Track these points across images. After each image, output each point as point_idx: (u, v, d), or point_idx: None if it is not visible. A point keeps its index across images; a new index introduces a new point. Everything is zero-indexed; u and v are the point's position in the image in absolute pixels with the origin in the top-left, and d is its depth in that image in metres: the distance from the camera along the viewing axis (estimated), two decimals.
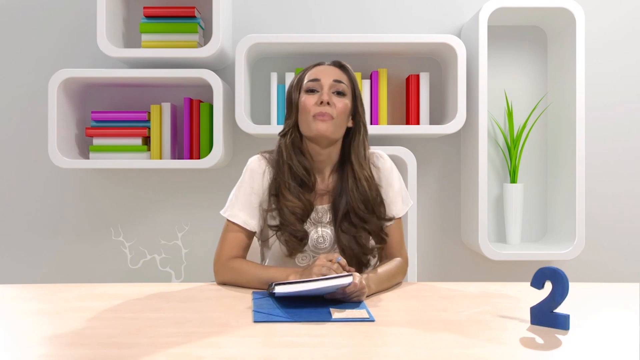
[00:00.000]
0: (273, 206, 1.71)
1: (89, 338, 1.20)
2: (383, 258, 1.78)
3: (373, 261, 1.78)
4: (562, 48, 2.63)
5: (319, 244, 1.71)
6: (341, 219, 1.70)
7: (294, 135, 1.73)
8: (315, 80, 1.71)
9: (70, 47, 2.74)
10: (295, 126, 1.74)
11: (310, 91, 1.71)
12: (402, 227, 1.80)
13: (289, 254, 1.70)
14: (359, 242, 1.69)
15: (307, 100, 1.69)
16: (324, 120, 1.67)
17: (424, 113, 2.61)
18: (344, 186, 1.72)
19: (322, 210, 1.73)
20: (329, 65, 1.76)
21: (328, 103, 1.67)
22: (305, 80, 1.72)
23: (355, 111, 1.75)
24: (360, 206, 1.69)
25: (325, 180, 1.76)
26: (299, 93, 1.73)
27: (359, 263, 1.71)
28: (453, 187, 2.78)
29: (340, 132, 1.72)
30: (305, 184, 1.71)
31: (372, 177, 1.73)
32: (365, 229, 1.70)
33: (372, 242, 1.74)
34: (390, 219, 1.75)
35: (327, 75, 1.71)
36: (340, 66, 1.76)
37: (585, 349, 1.15)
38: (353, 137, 1.74)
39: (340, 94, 1.71)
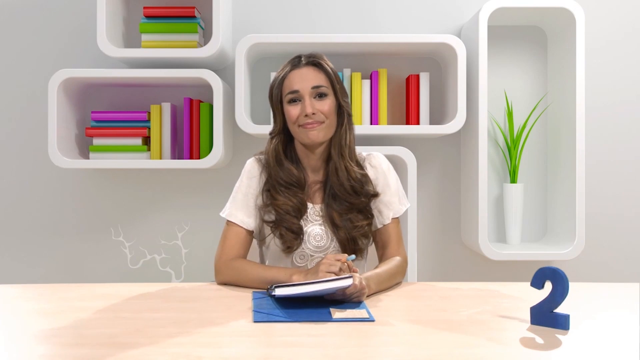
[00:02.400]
0: (268, 202, 1.73)
1: (89, 338, 1.20)
2: (382, 258, 1.79)
3: (369, 246, 1.80)
4: (562, 48, 2.63)
5: (317, 241, 1.73)
6: (330, 201, 1.73)
7: (278, 141, 1.76)
8: (294, 91, 1.71)
9: (70, 47, 2.74)
10: (282, 132, 1.77)
11: (293, 101, 1.72)
12: (400, 226, 1.81)
13: (286, 249, 1.71)
14: (354, 223, 1.71)
15: (292, 112, 1.71)
16: (314, 128, 1.69)
17: (424, 113, 2.61)
18: (329, 176, 1.75)
19: (318, 207, 1.75)
20: (304, 66, 1.73)
21: (313, 113, 1.69)
22: (285, 92, 1.73)
23: (340, 104, 1.75)
24: (343, 193, 1.72)
25: (318, 173, 1.79)
26: (281, 102, 1.75)
27: (355, 245, 1.73)
28: (453, 187, 2.78)
29: (332, 131, 1.75)
30: (295, 186, 1.73)
31: (352, 164, 1.74)
32: (353, 209, 1.73)
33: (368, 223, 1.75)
34: (376, 195, 1.76)
35: (305, 82, 1.71)
36: (315, 64, 1.74)
37: (585, 349, 1.15)
38: (336, 129, 1.76)
39: (322, 95, 1.71)
